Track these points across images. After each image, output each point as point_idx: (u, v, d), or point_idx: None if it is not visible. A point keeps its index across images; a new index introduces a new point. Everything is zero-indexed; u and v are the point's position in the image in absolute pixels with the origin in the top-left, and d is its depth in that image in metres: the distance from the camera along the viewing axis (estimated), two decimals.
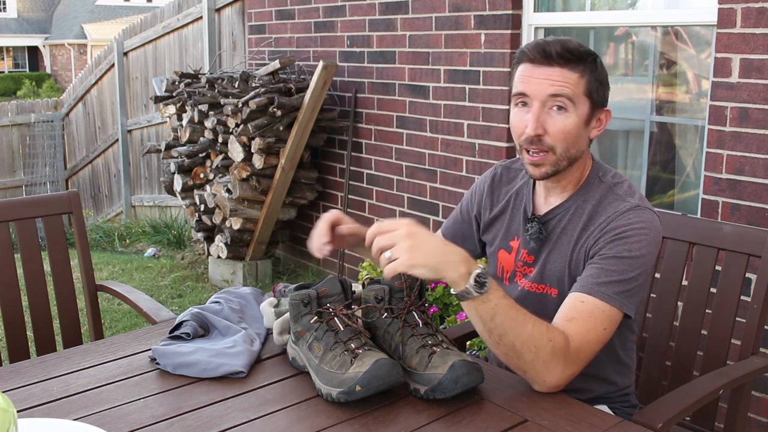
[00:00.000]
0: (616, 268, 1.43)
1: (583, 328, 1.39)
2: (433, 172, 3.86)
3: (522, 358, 1.34)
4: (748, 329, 1.81)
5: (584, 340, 1.38)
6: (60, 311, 2.21)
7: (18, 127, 8.18)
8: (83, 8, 31.16)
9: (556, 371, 1.35)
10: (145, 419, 1.29)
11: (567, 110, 1.48)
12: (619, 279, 1.43)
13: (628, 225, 1.47)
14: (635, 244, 1.45)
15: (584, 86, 1.48)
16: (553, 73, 1.47)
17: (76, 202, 2.24)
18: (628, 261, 1.44)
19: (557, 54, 1.46)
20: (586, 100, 1.49)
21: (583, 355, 1.39)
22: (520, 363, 1.35)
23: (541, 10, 3.36)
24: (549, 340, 1.34)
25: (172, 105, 4.84)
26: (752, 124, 2.52)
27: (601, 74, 1.51)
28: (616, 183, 1.56)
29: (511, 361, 1.36)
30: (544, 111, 1.48)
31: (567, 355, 1.35)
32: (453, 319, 3.07)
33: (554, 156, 1.50)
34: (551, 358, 1.33)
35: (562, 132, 1.48)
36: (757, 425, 2.60)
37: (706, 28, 2.84)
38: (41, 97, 18.31)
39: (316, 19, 4.56)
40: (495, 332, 1.33)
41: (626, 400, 1.68)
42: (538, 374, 1.35)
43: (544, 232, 1.58)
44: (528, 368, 1.35)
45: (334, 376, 1.33)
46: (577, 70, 1.47)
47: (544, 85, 1.47)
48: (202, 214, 4.78)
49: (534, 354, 1.33)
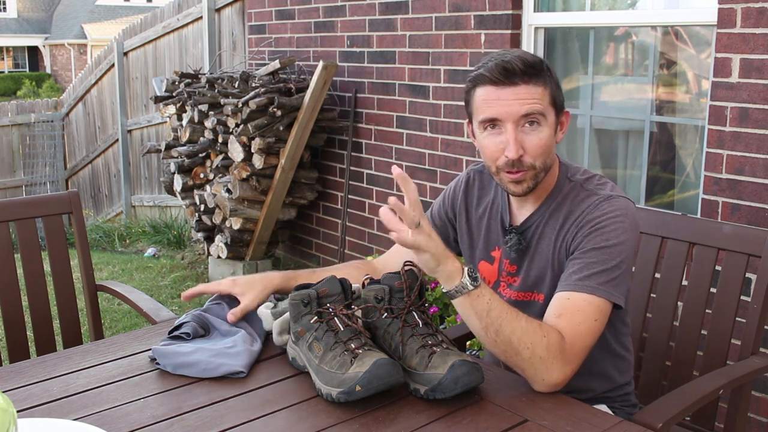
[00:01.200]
0: (596, 260, 1.44)
1: (573, 322, 1.39)
2: (433, 172, 3.86)
3: (519, 355, 1.34)
4: (748, 329, 1.81)
5: (576, 333, 1.38)
6: (60, 311, 2.21)
7: (18, 127, 8.18)
8: (83, 8, 31.17)
9: (554, 369, 1.35)
10: (145, 419, 1.29)
11: (540, 124, 1.47)
12: (601, 269, 1.43)
13: (603, 215, 1.48)
14: (612, 233, 1.46)
15: (549, 97, 1.48)
16: (520, 92, 1.44)
17: (76, 202, 2.24)
18: (608, 250, 1.45)
19: (520, 71, 1.44)
20: (552, 109, 1.49)
21: (578, 350, 1.39)
22: (517, 361, 1.35)
23: (541, 10, 3.36)
24: (543, 335, 1.35)
25: (172, 105, 4.84)
26: (752, 124, 2.52)
27: (555, 77, 1.51)
28: (585, 179, 1.57)
29: (509, 360, 1.37)
30: (518, 131, 1.46)
31: (563, 351, 1.36)
32: (453, 319, 3.07)
33: (534, 171, 1.49)
34: (547, 354, 1.34)
35: (540, 147, 1.48)
36: (757, 425, 2.60)
37: (706, 28, 2.84)
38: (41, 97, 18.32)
39: (316, 19, 4.56)
40: (491, 328, 1.34)
41: (626, 400, 1.69)
42: (537, 372, 1.35)
43: (523, 242, 1.58)
44: (526, 366, 1.35)
45: (334, 376, 1.33)
46: (540, 83, 1.46)
47: (515, 107, 1.44)
48: (202, 214, 4.78)
49: (530, 351, 1.34)
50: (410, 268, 1.46)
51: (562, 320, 1.40)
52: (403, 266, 1.46)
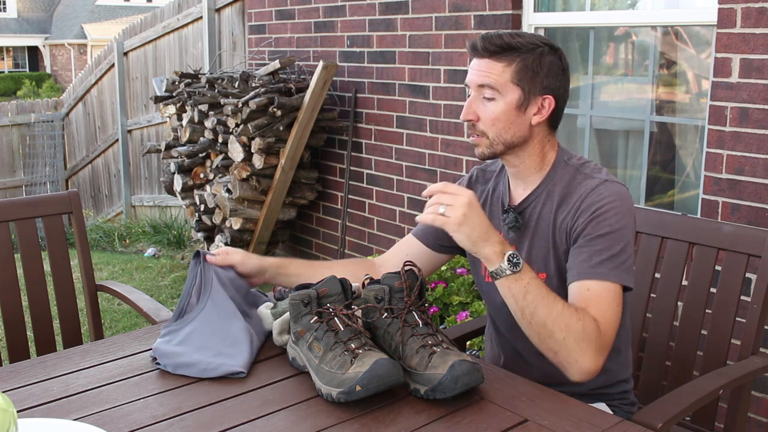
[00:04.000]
0: (603, 246, 1.49)
1: (600, 311, 1.45)
2: (433, 172, 3.86)
3: (553, 337, 1.40)
4: (748, 329, 1.81)
5: (606, 321, 1.45)
6: (60, 311, 2.21)
7: (18, 127, 8.18)
8: (83, 8, 31.16)
9: (588, 353, 1.40)
10: (145, 419, 1.29)
11: (495, 99, 1.57)
12: (609, 256, 1.49)
13: (602, 200, 1.53)
14: (613, 218, 1.51)
15: (510, 75, 1.55)
16: (481, 65, 1.58)
17: (76, 202, 2.24)
18: (612, 236, 1.50)
19: (483, 48, 1.57)
20: (515, 88, 1.56)
21: (609, 337, 1.45)
22: (551, 344, 1.41)
23: (541, 10, 3.36)
24: (579, 319, 1.40)
25: (172, 105, 4.84)
26: (752, 124, 2.52)
27: (538, 63, 1.56)
28: (582, 164, 1.63)
29: (543, 342, 1.43)
30: (478, 99, 1.59)
31: (598, 337, 1.42)
32: (453, 319, 3.07)
33: (487, 140, 1.59)
34: (582, 337, 1.39)
35: (490, 118, 1.57)
36: (757, 425, 2.60)
37: (706, 28, 2.83)
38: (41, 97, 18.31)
39: (316, 19, 4.56)
40: (527, 310, 1.41)
41: (625, 398, 1.69)
42: (571, 354, 1.40)
43: (521, 221, 1.63)
44: (560, 348, 1.41)
45: (334, 376, 1.33)
46: (503, 60, 1.56)
47: (475, 76, 1.58)
48: (202, 214, 4.78)
49: (565, 333, 1.39)
50: (410, 268, 1.46)
51: (590, 310, 1.45)
52: (403, 266, 1.46)
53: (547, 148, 1.63)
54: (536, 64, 1.56)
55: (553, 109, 1.59)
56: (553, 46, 1.59)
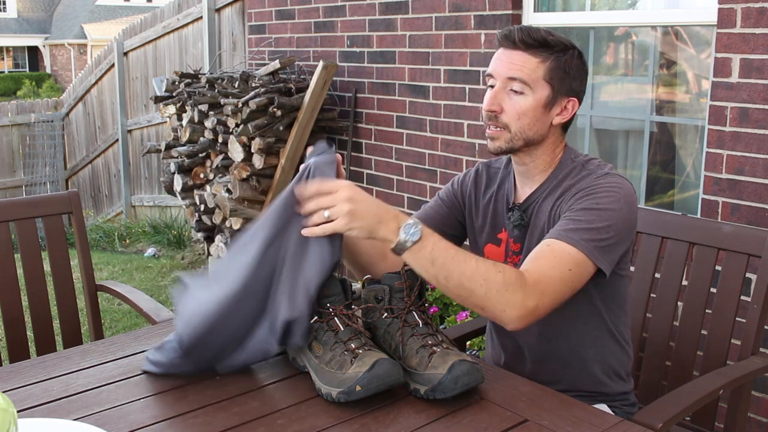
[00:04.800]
0: (583, 218, 1.47)
1: (545, 264, 1.42)
2: (433, 172, 3.86)
3: (474, 293, 1.36)
4: (748, 329, 1.81)
5: (544, 273, 1.40)
6: (60, 311, 2.21)
7: (18, 127, 8.18)
8: (83, 8, 31.16)
9: (515, 301, 1.35)
10: (145, 419, 1.29)
11: (524, 93, 1.55)
12: (587, 227, 1.46)
13: (597, 183, 1.53)
14: (603, 198, 1.50)
15: (544, 71, 1.54)
16: (514, 57, 1.55)
17: (76, 202, 2.24)
18: (596, 212, 1.48)
19: (520, 39, 1.54)
20: (546, 85, 1.55)
21: (544, 288, 1.39)
22: (474, 300, 1.37)
23: (541, 10, 3.36)
24: (498, 271, 1.37)
25: (172, 105, 4.84)
26: (752, 124, 2.52)
27: (569, 65, 1.56)
28: (587, 161, 1.62)
29: (467, 301, 1.39)
30: (504, 91, 1.56)
31: (524, 285, 1.37)
32: (453, 319, 3.07)
33: (509, 134, 1.57)
34: (505, 287, 1.35)
35: (517, 112, 1.55)
36: (757, 425, 2.60)
37: (706, 28, 2.83)
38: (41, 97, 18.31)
39: (316, 19, 4.56)
40: (441, 275, 1.36)
41: (626, 399, 1.69)
42: (497, 306, 1.36)
43: (525, 218, 1.62)
44: (485, 303, 1.37)
45: (334, 376, 1.33)
46: (539, 55, 1.54)
47: (505, 68, 1.55)
48: (202, 214, 4.78)
49: (485, 287, 1.35)
50: (410, 268, 1.46)
51: (535, 263, 1.43)
52: (403, 266, 1.46)
53: (558, 150, 1.64)
54: (568, 65, 1.57)
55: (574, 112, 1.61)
56: (580, 50, 1.60)
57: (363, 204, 1.36)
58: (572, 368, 1.64)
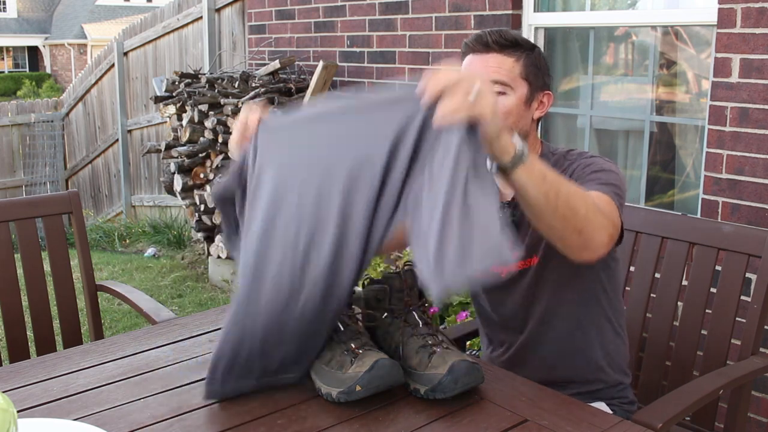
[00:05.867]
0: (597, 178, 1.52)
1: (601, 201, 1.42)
2: None
3: (578, 214, 1.30)
4: (748, 329, 1.81)
5: (606, 203, 1.43)
6: (60, 311, 2.21)
7: (18, 127, 8.17)
8: (83, 8, 31.16)
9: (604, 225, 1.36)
10: (145, 419, 1.29)
11: (506, 93, 1.57)
12: (606, 182, 1.50)
13: (591, 161, 1.58)
14: (602, 164, 1.55)
15: (520, 70, 1.58)
16: (488, 60, 1.57)
17: (76, 202, 2.24)
18: (603, 173, 1.53)
19: (494, 41, 1.57)
20: (524, 83, 1.58)
21: (614, 218, 1.43)
22: (576, 222, 1.31)
23: (541, 10, 3.36)
24: (587, 193, 1.37)
25: (172, 105, 4.84)
26: (752, 124, 2.52)
27: (539, 61, 1.62)
28: (567, 151, 1.66)
29: (569, 223, 1.31)
30: None
31: (607, 205, 1.43)
32: (453, 319, 3.07)
33: None
34: (597, 209, 1.35)
35: (502, 112, 1.52)
36: (757, 425, 2.60)
37: (706, 28, 2.83)
38: (41, 97, 18.30)
39: (316, 19, 4.56)
40: (551, 191, 1.28)
41: (624, 396, 1.70)
42: (594, 227, 1.33)
43: (516, 215, 1.63)
44: (584, 225, 1.32)
45: (334, 376, 1.33)
46: (513, 55, 1.58)
47: (485, 71, 1.57)
48: (202, 214, 4.78)
49: (585, 207, 1.31)
50: (410, 268, 1.46)
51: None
52: (403, 266, 1.46)
53: (537, 145, 1.67)
54: (538, 61, 1.61)
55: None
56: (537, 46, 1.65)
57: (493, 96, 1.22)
58: (569, 353, 1.65)
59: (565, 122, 3.45)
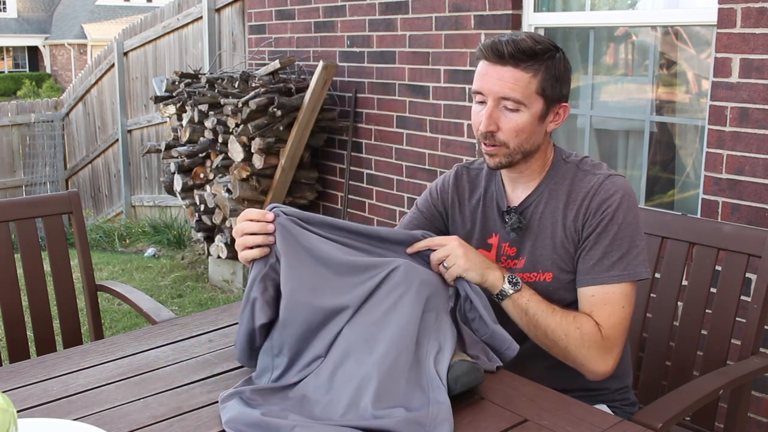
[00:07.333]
0: (612, 249, 1.52)
1: (603, 315, 1.50)
2: (433, 172, 3.86)
3: (557, 345, 1.48)
4: (748, 329, 1.81)
5: (610, 325, 1.49)
6: (60, 311, 2.21)
7: (18, 127, 8.18)
8: (83, 8, 31.16)
9: (593, 357, 1.48)
10: (145, 419, 1.29)
11: (519, 110, 1.52)
12: (619, 256, 1.51)
13: (609, 199, 1.53)
14: (621, 216, 1.52)
15: (536, 85, 1.52)
16: (505, 74, 1.50)
17: (76, 202, 2.24)
18: (621, 235, 1.52)
19: (509, 54, 1.49)
20: (539, 99, 1.53)
21: (615, 339, 1.50)
22: (557, 351, 1.50)
23: (541, 10, 3.36)
24: (577, 327, 1.47)
25: (172, 105, 4.84)
26: (752, 124, 2.52)
27: (558, 70, 1.54)
28: (580, 160, 1.63)
29: (552, 351, 1.51)
30: (497, 109, 1.53)
31: (600, 341, 1.48)
32: None
33: (507, 150, 1.56)
34: (582, 344, 1.47)
35: (514, 130, 1.53)
36: (757, 425, 2.60)
37: (706, 28, 2.83)
38: (41, 97, 18.31)
39: (316, 19, 4.56)
40: (531, 324, 1.49)
41: (625, 398, 1.69)
42: (577, 359, 1.49)
43: (524, 221, 1.61)
44: (565, 355, 1.49)
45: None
46: (530, 70, 1.50)
47: (497, 86, 1.51)
48: (202, 214, 4.78)
49: (566, 341, 1.47)
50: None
51: (595, 315, 1.50)
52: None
53: (549, 151, 1.64)
54: (557, 71, 1.54)
55: None
56: (560, 48, 1.58)
57: (471, 251, 1.51)
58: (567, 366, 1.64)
59: (565, 122, 3.44)
